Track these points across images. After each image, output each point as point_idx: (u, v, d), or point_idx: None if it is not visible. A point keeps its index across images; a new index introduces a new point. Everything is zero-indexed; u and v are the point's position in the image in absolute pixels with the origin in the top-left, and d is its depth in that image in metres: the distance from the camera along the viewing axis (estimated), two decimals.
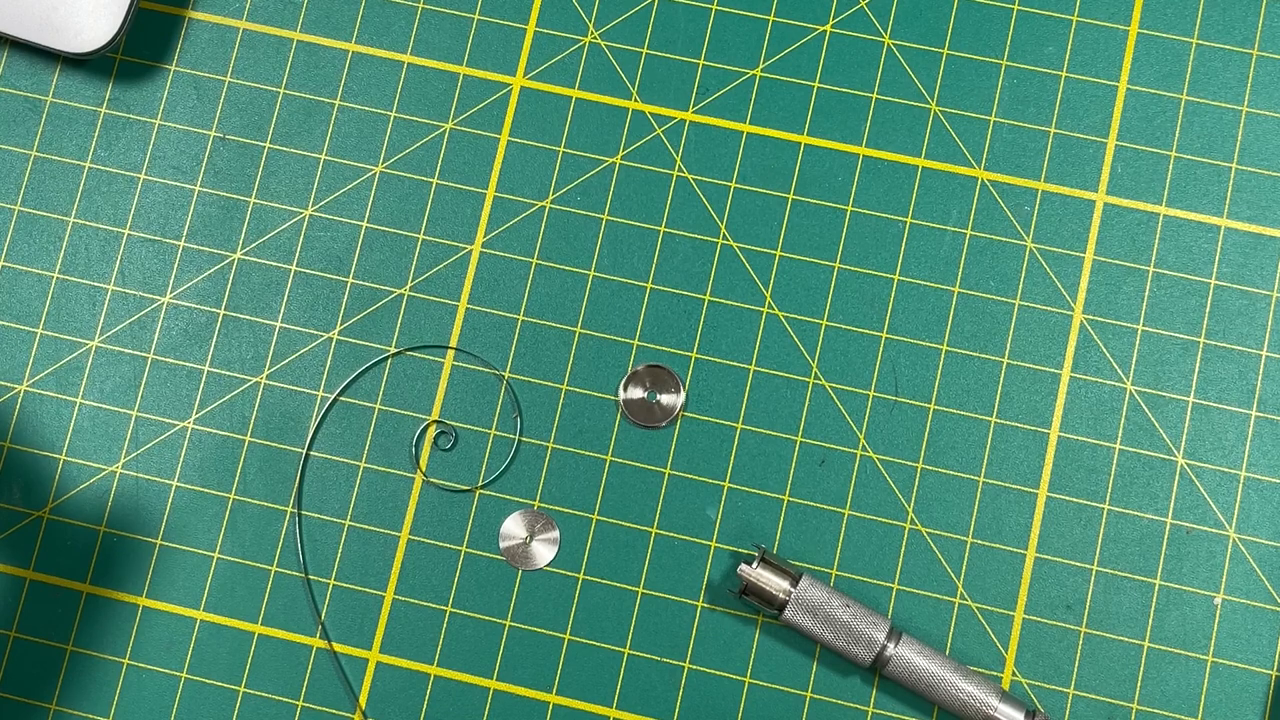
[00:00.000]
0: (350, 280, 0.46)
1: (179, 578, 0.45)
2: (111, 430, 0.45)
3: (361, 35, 0.47)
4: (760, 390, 0.45)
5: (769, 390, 0.45)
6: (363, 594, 0.44)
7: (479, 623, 0.44)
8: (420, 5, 0.47)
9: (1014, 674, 0.43)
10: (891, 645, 0.42)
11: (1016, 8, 0.46)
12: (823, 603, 0.42)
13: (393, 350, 0.45)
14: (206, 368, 0.46)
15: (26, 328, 0.46)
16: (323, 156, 0.46)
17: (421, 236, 0.46)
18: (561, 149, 0.46)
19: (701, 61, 0.47)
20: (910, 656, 0.42)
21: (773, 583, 0.42)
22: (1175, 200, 0.45)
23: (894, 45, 0.46)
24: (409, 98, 0.47)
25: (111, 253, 0.46)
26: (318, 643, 0.44)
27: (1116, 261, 0.45)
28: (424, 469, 0.45)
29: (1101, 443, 0.44)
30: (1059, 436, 0.44)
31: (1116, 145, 0.46)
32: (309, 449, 0.45)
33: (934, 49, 0.46)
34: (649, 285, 0.45)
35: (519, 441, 0.45)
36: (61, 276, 0.46)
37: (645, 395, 0.45)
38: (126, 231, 0.46)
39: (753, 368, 0.45)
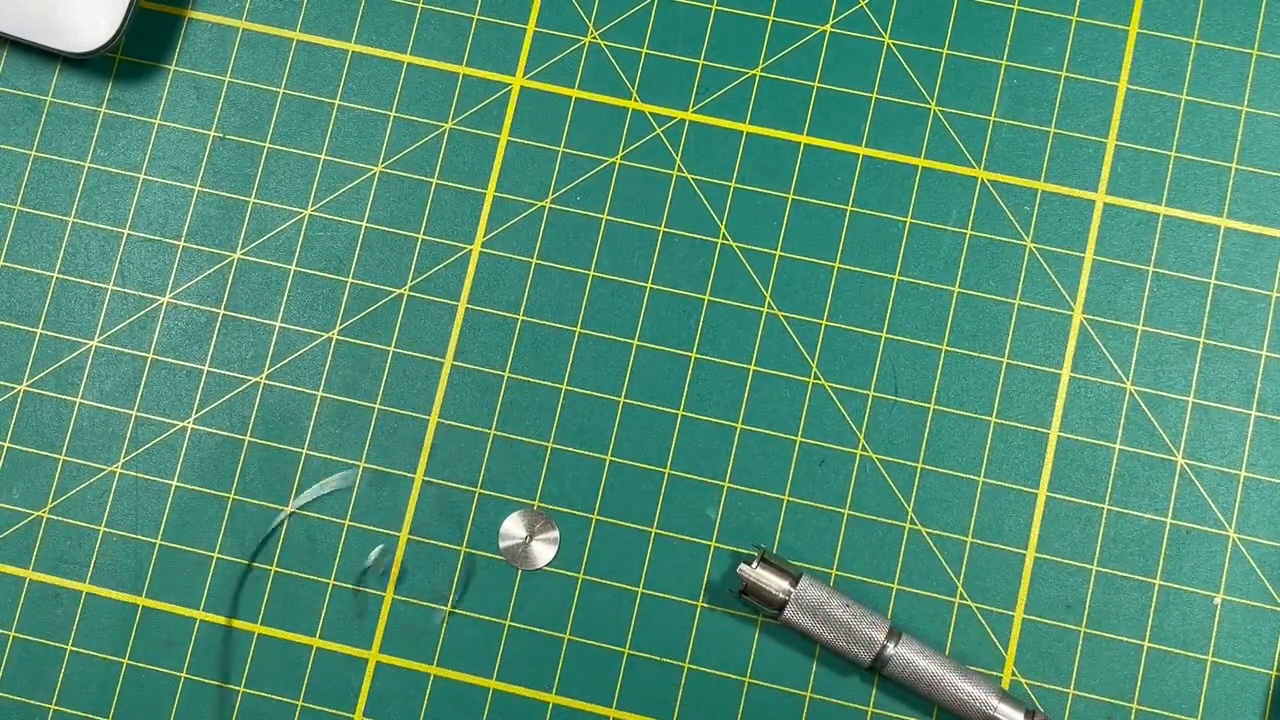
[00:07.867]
0: (350, 280, 0.46)
1: (178, 578, 0.45)
2: (111, 430, 0.45)
3: (361, 35, 0.47)
4: (760, 390, 0.45)
5: (769, 390, 0.45)
6: (362, 593, 0.44)
7: (479, 623, 0.44)
8: (420, 5, 0.47)
9: (1014, 674, 0.43)
10: (891, 645, 0.42)
11: (1016, 7, 0.46)
12: (822, 603, 0.42)
13: (391, 350, 0.45)
14: (206, 368, 0.45)
15: (26, 327, 0.46)
16: (322, 156, 0.46)
17: (421, 236, 0.46)
18: (561, 149, 0.46)
19: (701, 61, 0.46)
20: (910, 656, 0.42)
21: (773, 583, 0.42)
22: (1175, 200, 0.45)
23: (894, 45, 0.46)
24: (408, 97, 0.47)
25: (111, 252, 0.46)
26: (317, 642, 0.44)
27: (1116, 261, 0.45)
28: (423, 468, 0.45)
29: (1101, 443, 0.44)
30: (1059, 436, 0.44)
31: (1116, 145, 0.46)
32: (308, 449, 0.45)
33: (934, 49, 0.46)
34: (649, 285, 0.45)
35: (519, 441, 0.45)
36: (61, 276, 0.46)
37: None
38: (126, 231, 0.46)
39: (753, 368, 0.45)
